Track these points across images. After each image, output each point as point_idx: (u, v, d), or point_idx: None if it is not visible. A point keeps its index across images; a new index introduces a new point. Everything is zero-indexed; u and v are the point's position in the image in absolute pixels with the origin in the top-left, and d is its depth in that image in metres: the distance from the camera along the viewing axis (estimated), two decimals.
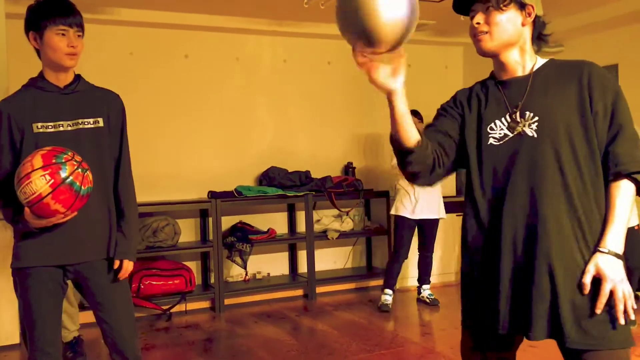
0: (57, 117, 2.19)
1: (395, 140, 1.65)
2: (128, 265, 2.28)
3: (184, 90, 5.16)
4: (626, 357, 1.56)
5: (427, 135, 1.75)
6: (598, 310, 1.52)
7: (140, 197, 4.79)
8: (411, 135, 1.62)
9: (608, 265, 1.52)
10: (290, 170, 5.35)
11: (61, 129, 2.18)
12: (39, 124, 2.16)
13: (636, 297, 4.99)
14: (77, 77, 2.29)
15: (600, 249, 1.54)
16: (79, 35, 2.20)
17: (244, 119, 5.39)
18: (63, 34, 2.15)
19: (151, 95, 5.03)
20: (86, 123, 2.23)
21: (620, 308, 1.51)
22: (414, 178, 1.73)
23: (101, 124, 2.26)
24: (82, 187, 2.05)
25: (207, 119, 5.24)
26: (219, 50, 5.29)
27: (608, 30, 5.41)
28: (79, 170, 2.05)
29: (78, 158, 2.07)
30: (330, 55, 5.70)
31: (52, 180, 1.98)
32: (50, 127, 2.17)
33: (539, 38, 1.72)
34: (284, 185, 5.23)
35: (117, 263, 2.26)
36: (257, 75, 5.45)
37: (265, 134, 5.48)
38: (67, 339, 3.79)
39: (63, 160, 2.02)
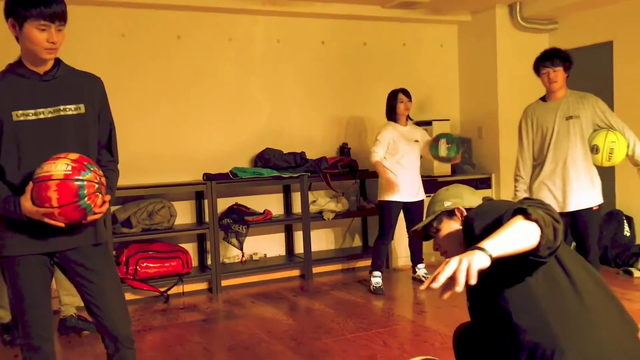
0: (37, 104, 2.14)
1: None
2: (105, 205, 2.18)
3: (177, 72, 5.12)
4: None
5: None
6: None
7: (135, 180, 4.86)
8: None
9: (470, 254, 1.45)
10: (285, 152, 5.34)
11: (42, 116, 2.14)
12: (19, 112, 2.12)
13: (628, 272, 4.98)
14: (57, 62, 2.22)
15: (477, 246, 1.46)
16: (59, 30, 2.10)
17: (238, 100, 5.37)
18: (43, 29, 2.07)
19: (144, 77, 5.00)
20: (67, 110, 2.18)
21: (444, 274, 1.42)
22: None
23: (83, 110, 2.21)
24: (87, 201, 2.04)
25: (200, 100, 5.21)
26: (211, 30, 5.24)
27: (602, 7, 5.38)
28: (96, 185, 2.06)
29: (103, 180, 2.11)
30: (324, 35, 5.66)
31: (70, 173, 1.99)
32: (30, 114, 2.13)
33: None
34: (279, 167, 5.23)
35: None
36: (251, 56, 5.41)
37: (260, 115, 5.46)
38: (70, 312, 3.82)
39: (91, 169, 2.06)
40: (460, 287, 1.39)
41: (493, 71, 5.79)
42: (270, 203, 5.47)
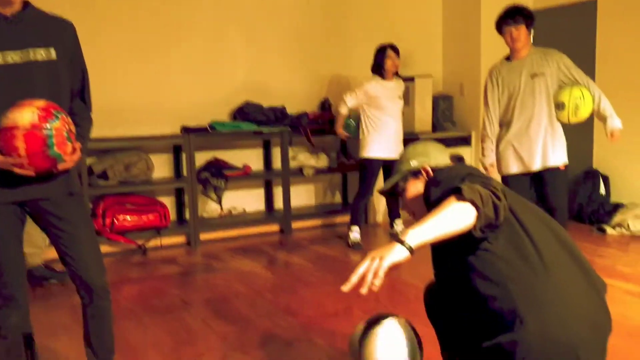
0: (4, 47, 2.05)
1: None
2: (77, 153, 2.14)
3: (155, 21, 4.97)
4: None
5: None
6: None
7: (112, 132, 4.77)
8: None
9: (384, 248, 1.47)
10: (265, 106, 5.27)
11: (10, 60, 2.05)
12: None
13: (602, 230, 5.05)
14: (26, 4, 2.13)
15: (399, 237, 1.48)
16: None
17: (218, 52, 5.25)
18: None
19: (121, 27, 4.85)
20: (37, 54, 2.10)
21: (356, 274, 1.46)
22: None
23: (53, 55, 2.13)
24: (57, 150, 1.98)
25: (178, 51, 5.09)
26: None
27: None
28: (65, 133, 2.00)
29: (73, 128, 2.04)
30: None
31: (37, 122, 1.93)
32: None
33: None
34: (259, 121, 5.17)
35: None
36: (231, 5, 5.27)
37: (240, 68, 5.36)
38: (37, 262, 3.80)
39: (59, 116, 1.98)
40: (365, 289, 1.42)
41: (477, 27, 5.73)
42: (250, 158, 5.43)
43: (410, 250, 1.44)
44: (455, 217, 1.43)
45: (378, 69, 4.71)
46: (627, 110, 4.36)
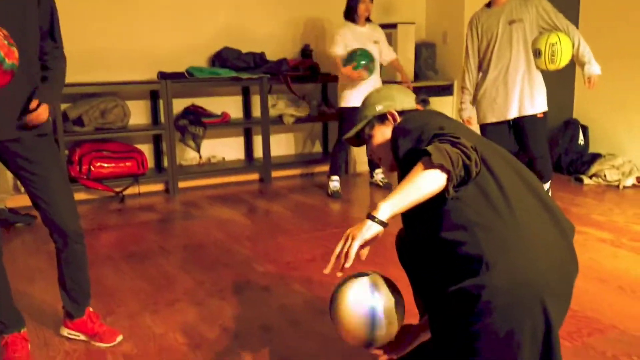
0: None
1: None
2: (44, 110, 2.10)
3: None
4: None
5: None
6: None
7: (87, 77, 4.64)
8: None
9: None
10: (244, 52, 5.16)
11: None
12: None
13: (579, 179, 5.11)
14: None
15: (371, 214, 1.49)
16: None
17: None
18: None
19: None
20: None
21: (333, 255, 1.50)
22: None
23: None
24: (6, 60, 1.84)
25: None
26: None
27: None
28: (5, 42, 1.86)
29: (4, 32, 1.89)
30: None
31: None
32: None
33: None
34: (238, 67, 5.06)
35: (35, 102, 2.08)
36: None
37: (218, 12, 5.20)
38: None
39: None
40: (339, 274, 1.50)
41: None
42: (229, 105, 5.35)
43: (383, 224, 1.46)
44: (425, 185, 1.44)
45: (350, 13, 4.58)
46: (610, 60, 4.34)
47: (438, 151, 1.42)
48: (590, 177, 5.01)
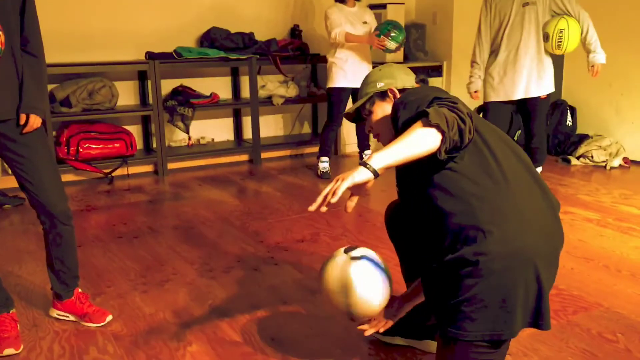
0: None
1: None
2: (35, 120, 2.15)
3: None
4: None
5: None
6: None
7: (73, 57, 4.59)
8: None
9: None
10: (232, 31, 5.11)
11: None
12: None
13: (567, 160, 5.16)
14: None
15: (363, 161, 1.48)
16: None
17: None
18: None
19: None
20: None
21: (321, 195, 1.46)
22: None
23: None
24: None
25: None
26: None
27: None
28: None
29: None
30: None
31: None
32: None
33: None
34: (226, 47, 5.02)
35: (23, 118, 2.12)
36: None
37: None
38: None
39: None
40: (324, 208, 1.46)
41: None
42: (218, 86, 5.31)
43: (374, 172, 1.45)
44: (420, 142, 1.45)
45: None
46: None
47: (435, 112, 1.45)
48: (578, 158, 5.05)
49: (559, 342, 2.22)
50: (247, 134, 5.48)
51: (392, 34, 4.36)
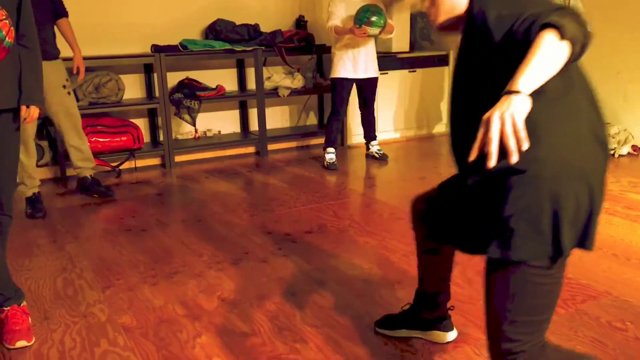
0: None
1: None
2: (35, 112, 2.19)
3: None
4: None
5: None
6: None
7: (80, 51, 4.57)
8: None
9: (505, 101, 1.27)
10: (238, 23, 5.10)
11: None
12: None
13: None
14: None
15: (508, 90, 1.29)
16: None
17: None
18: None
19: None
20: None
21: (492, 143, 1.24)
22: None
23: None
24: (7, 38, 1.96)
25: None
26: None
27: None
28: (6, 21, 1.96)
29: (4, 12, 1.98)
30: None
31: None
32: None
33: None
34: (232, 39, 5.01)
35: (24, 109, 2.15)
36: None
37: None
38: (27, 195, 3.74)
39: None
40: (515, 157, 1.24)
41: None
42: (224, 78, 5.31)
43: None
44: (557, 60, 1.29)
45: None
46: (606, 31, 4.31)
47: (567, 23, 1.29)
48: None
49: (567, 330, 2.21)
50: (254, 125, 5.48)
51: (373, 19, 4.33)
